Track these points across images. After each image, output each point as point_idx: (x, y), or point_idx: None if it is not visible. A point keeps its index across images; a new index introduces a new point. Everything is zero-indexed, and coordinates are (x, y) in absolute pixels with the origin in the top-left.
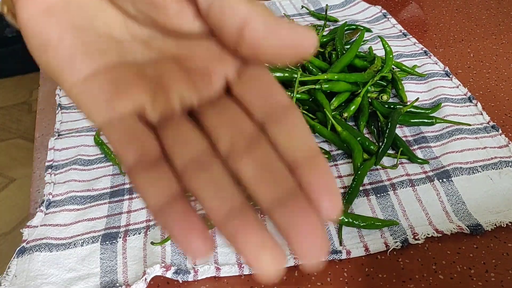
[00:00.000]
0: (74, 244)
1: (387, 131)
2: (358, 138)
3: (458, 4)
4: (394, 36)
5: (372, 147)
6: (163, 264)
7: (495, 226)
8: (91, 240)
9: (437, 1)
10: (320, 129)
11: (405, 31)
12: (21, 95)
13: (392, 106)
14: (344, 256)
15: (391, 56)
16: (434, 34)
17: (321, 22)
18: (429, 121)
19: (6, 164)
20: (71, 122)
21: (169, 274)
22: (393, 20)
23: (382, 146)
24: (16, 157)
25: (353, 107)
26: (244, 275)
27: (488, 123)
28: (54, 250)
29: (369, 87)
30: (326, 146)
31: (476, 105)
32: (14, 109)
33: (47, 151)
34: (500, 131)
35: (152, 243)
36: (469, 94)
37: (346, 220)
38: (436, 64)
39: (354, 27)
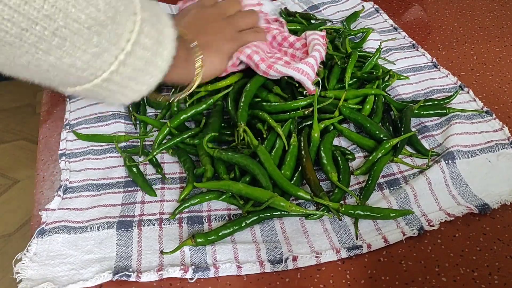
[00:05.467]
0: (91, 227)
1: (403, 128)
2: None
3: (461, 7)
4: (385, 30)
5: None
6: (182, 267)
7: (500, 204)
8: (106, 225)
9: (441, 3)
10: (348, 133)
11: (396, 25)
12: (25, 97)
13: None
14: (365, 250)
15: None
16: (437, 37)
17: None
18: (442, 111)
19: (10, 166)
20: (79, 110)
21: (188, 275)
22: (385, 15)
23: (400, 142)
24: (20, 158)
25: (368, 106)
26: (264, 273)
27: (482, 108)
28: (72, 233)
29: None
30: (344, 144)
31: (468, 93)
32: (18, 111)
33: (51, 152)
34: (494, 116)
35: (162, 252)
36: (459, 82)
37: (362, 213)
38: (424, 56)
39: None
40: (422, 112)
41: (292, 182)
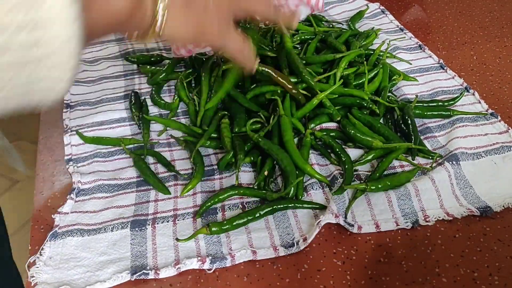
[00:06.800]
0: (105, 229)
1: (411, 128)
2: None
3: (461, 7)
4: (392, 30)
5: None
6: (199, 258)
7: (503, 208)
8: (120, 226)
9: (440, 3)
10: (360, 127)
11: (402, 26)
12: None
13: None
14: (355, 230)
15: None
16: (437, 37)
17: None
18: (446, 113)
19: (10, 166)
20: (79, 119)
21: (206, 266)
22: (391, 16)
23: (413, 144)
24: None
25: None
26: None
27: (486, 110)
28: (85, 235)
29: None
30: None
31: (473, 94)
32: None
33: (50, 153)
34: (499, 118)
35: (177, 239)
36: (465, 84)
37: (386, 185)
38: (431, 57)
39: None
40: (425, 113)
41: None
